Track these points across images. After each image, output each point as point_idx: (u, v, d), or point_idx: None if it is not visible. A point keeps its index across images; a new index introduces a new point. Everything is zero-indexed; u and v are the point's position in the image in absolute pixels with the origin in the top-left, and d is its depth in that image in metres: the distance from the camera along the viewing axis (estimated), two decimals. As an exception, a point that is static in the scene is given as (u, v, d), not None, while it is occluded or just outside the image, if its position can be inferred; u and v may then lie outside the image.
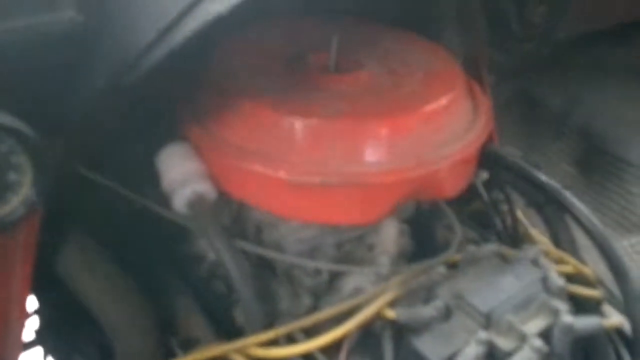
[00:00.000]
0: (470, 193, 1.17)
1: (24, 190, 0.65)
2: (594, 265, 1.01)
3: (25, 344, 1.24)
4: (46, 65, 0.65)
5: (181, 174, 0.84)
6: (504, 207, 1.22)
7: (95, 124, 0.72)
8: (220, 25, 0.65)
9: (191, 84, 0.88)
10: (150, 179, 0.87)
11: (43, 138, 0.66)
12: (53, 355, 1.15)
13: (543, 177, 1.00)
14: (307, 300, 0.93)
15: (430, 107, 0.85)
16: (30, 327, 1.19)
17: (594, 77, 1.37)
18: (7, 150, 0.63)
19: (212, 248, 0.85)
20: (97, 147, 0.83)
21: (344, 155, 0.81)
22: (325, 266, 0.91)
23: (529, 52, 1.18)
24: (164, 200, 0.87)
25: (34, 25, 0.63)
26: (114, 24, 0.65)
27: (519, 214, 1.22)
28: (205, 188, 0.84)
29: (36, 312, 1.17)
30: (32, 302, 1.19)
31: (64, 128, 0.71)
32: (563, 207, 0.99)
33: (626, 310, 0.98)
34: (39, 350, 1.18)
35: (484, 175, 1.10)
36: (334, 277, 0.94)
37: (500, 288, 0.85)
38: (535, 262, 0.90)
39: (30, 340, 1.22)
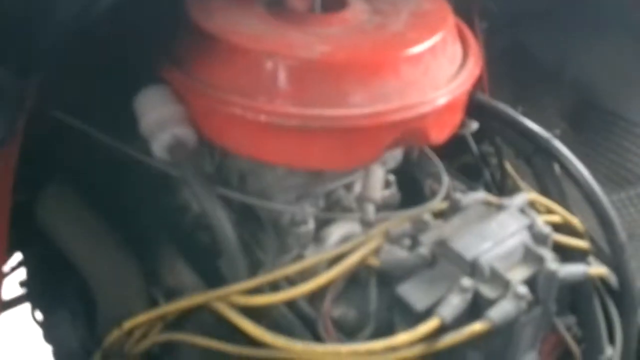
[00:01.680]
0: (459, 146, 1.16)
1: None
2: (585, 221, 1.00)
3: (13, 299, 1.24)
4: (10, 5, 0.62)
5: (159, 118, 0.82)
6: (493, 160, 1.21)
7: (67, 63, 0.70)
8: None
9: (168, 24, 0.85)
10: (131, 124, 0.85)
11: (12, 78, 0.63)
12: (40, 309, 1.14)
13: (532, 126, 0.99)
14: (293, 250, 0.92)
15: (416, 49, 0.82)
16: (17, 282, 1.19)
17: (588, 31, 1.34)
18: None
19: (194, 195, 0.84)
20: (73, 90, 0.80)
21: (327, 98, 0.78)
22: (312, 213, 0.90)
23: (526, 4, 1.15)
24: (145, 147, 0.85)
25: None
26: None
27: (508, 166, 1.21)
28: (184, 132, 0.82)
29: (21, 264, 1.17)
30: (17, 256, 1.19)
31: (36, 67, 0.68)
32: (552, 156, 0.98)
33: (612, 260, 0.98)
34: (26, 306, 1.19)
35: (474, 126, 1.08)
36: (321, 226, 0.93)
37: (485, 235, 0.84)
38: (522, 210, 0.89)
39: (17, 296, 1.22)
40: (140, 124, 0.83)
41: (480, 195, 0.90)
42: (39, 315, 1.14)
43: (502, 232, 0.84)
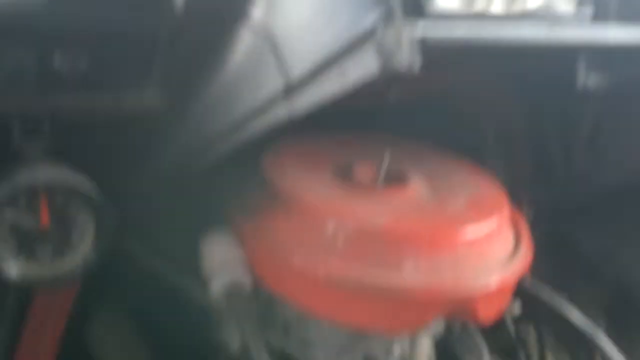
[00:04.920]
0: (497, 325, 1.15)
1: (84, 251, 0.67)
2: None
3: None
4: (122, 142, 0.69)
5: (222, 260, 0.85)
6: (532, 344, 1.19)
7: (153, 202, 0.75)
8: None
9: (243, 179, 0.92)
10: (192, 263, 0.89)
11: (111, 209, 0.69)
12: None
13: (579, 318, 0.99)
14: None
15: (473, 230, 0.86)
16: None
17: (633, 229, 1.37)
18: (75, 210, 0.66)
19: (242, 338, 0.84)
20: (148, 225, 0.85)
21: (384, 265, 0.82)
22: None
23: (570, 197, 1.20)
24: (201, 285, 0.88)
25: (119, 101, 0.67)
26: (193, 113, 0.70)
27: (549, 356, 1.19)
28: (243, 277, 0.86)
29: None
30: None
31: (124, 203, 0.74)
32: (596, 351, 0.97)
33: None
34: None
35: (516, 310, 1.08)
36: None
37: None
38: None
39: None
40: (204, 264, 0.87)
41: (523, 383, 0.89)
42: None
43: None
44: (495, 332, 1.18)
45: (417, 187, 0.94)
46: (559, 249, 1.43)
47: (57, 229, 0.68)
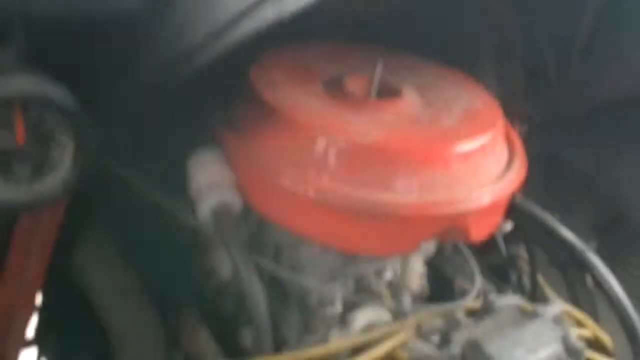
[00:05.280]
0: (487, 244, 1.15)
1: (64, 170, 0.63)
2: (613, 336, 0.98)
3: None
4: (100, 51, 0.65)
5: (210, 181, 0.82)
6: (523, 263, 1.20)
7: (136, 119, 0.72)
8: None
9: (230, 91, 0.88)
10: (178, 183, 0.86)
11: (92, 124, 0.65)
12: (48, 357, 1.11)
13: (569, 235, 0.98)
14: (318, 331, 0.90)
15: (467, 146, 0.83)
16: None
17: (624, 146, 1.36)
18: (53, 126, 0.62)
19: (231, 262, 0.83)
20: (133, 144, 0.82)
21: (376, 183, 0.79)
22: (340, 295, 0.89)
23: (563, 111, 1.17)
24: (189, 206, 0.85)
25: (93, 9, 0.62)
26: (174, 17, 0.65)
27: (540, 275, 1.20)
28: (231, 197, 0.83)
29: (37, 309, 1.15)
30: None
31: (106, 119, 0.70)
32: (587, 269, 0.97)
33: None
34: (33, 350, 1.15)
35: (507, 227, 1.08)
36: (348, 310, 0.91)
37: (518, 342, 0.82)
38: (556, 321, 0.87)
39: (27, 339, 1.19)
40: (190, 184, 0.84)
41: (515, 299, 0.89)
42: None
43: (535, 341, 0.82)
44: (486, 251, 1.18)
45: (410, 101, 0.90)
46: (551, 165, 1.43)
47: (34, 146, 0.64)
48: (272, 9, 0.62)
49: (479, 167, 0.85)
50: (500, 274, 1.20)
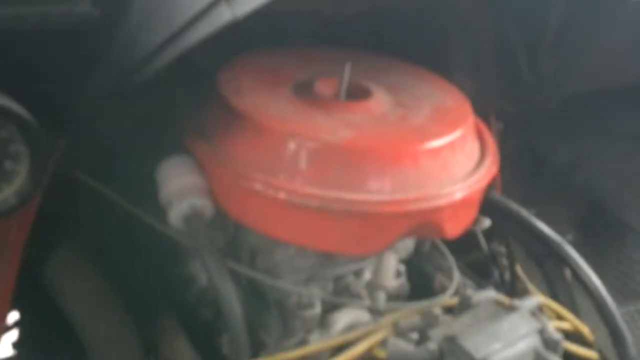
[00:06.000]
0: (469, 242, 1.15)
1: (19, 181, 0.63)
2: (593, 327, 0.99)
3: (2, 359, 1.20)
4: (55, 58, 0.64)
5: (180, 187, 0.82)
6: (503, 259, 1.21)
7: (99, 126, 0.71)
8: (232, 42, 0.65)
9: (199, 97, 0.88)
10: (149, 192, 0.86)
11: (46, 133, 0.64)
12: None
13: (545, 229, 0.99)
14: (297, 333, 0.90)
15: (436, 143, 0.84)
16: (9, 341, 1.16)
17: (600, 139, 1.38)
18: (7, 137, 0.62)
19: (204, 269, 0.83)
20: (99, 153, 0.81)
21: (346, 183, 0.79)
22: (321, 297, 0.89)
23: (538, 104, 1.18)
24: (161, 214, 0.85)
25: (47, 15, 0.62)
26: (128, 22, 0.65)
27: (518, 268, 1.20)
28: (203, 203, 0.83)
29: (16, 324, 1.14)
30: (13, 315, 1.16)
31: (68, 127, 0.69)
32: (563, 262, 0.97)
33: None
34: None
35: (486, 224, 1.08)
36: (327, 311, 0.91)
37: (495, 336, 0.82)
38: (533, 314, 0.87)
39: (7, 357, 1.18)
40: (160, 192, 0.84)
41: (491, 294, 0.89)
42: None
43: (512, 334, 0.82)
44: (468, 248, 1.19)
45: (380, 101, 0.91)
46: (529, 161, 1.44)
47: None
48: (226, 10, 0.62)
49: (449, 163, 0.85)
50: (482, 270, 1.21)
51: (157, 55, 0.65)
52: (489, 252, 1.21)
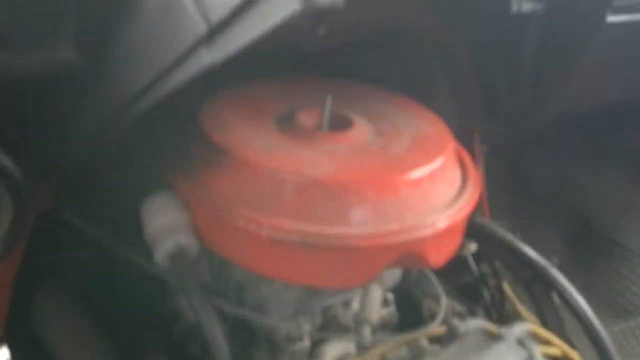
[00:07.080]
0: (460, 265, 1.16)
1: (1, 231, 0.63)
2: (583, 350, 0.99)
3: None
4: (39, 105, 0.65)
5: (164, 225, 0.82)
6: (493, 282, 1.21)
7: (83, 169, 0.72)
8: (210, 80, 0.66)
9: (180, 135, 0.88)
10: (134, 230, 0.86)
11: (29, 181, 0.65)
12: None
13: (530, 252, 0.99)
14: (286, 368, 0.90)
15: (415, 174, 0.84)
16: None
17: (585, 157, 1.39)
18: None
19: (190, 306, 0.83)
20: (83, 194, 0.82)
21: (329, 216, 0.80)
22: (308, 330, 0.89)
23: (520, 129, 1.19)
24: (147, 252, 0.85)
25: (29, 61, 0.63)
26: (110, 67, 0.66)
27: (507, 289, 1.20)
28: (187, 241, 0.83)
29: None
30: (3, 353, 1.15)
31: (52, 172, 0.70)
32: (549, 285, 0.98)
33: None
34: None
35: (472, 247, 1.08)
36: (316, 344, 0.91)
37: (482, 366, 0.82)
38: (520, 342, 0.87)
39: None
40: (145, 230, 0.84)
41: (479, 322, 0.89)
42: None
43: (499, 364, 0.83)
44: (457, 271, 1.19)
45: (361, 131, 0.91)
46: (516, 183, 1.45)
47: None
48: (206, 54, 0.63)
49: (430, 192, 0.85)
50: (472, 294, 1.21)
51: (138, 100, 0.65)
52: (479, 275, 1.21)
